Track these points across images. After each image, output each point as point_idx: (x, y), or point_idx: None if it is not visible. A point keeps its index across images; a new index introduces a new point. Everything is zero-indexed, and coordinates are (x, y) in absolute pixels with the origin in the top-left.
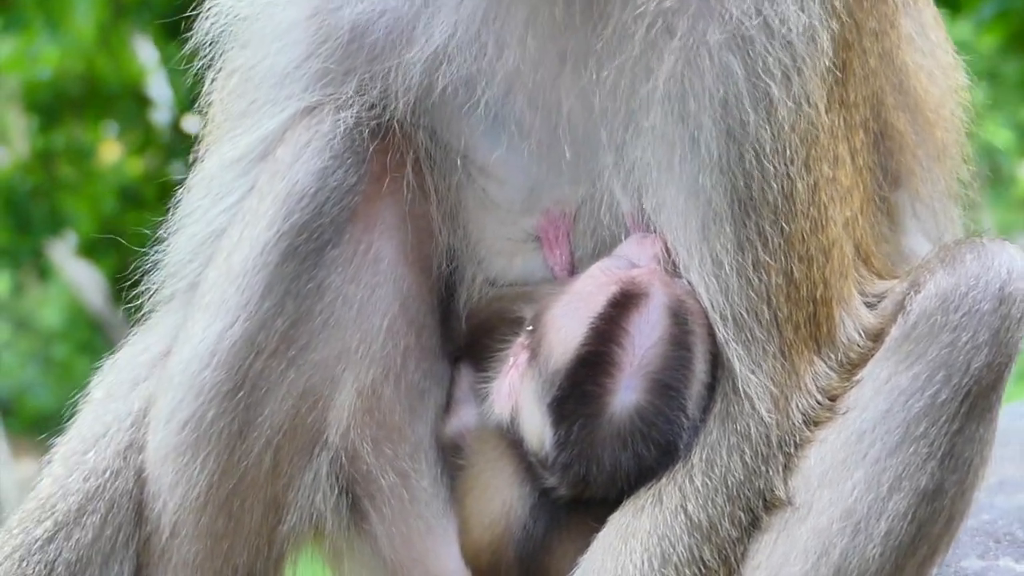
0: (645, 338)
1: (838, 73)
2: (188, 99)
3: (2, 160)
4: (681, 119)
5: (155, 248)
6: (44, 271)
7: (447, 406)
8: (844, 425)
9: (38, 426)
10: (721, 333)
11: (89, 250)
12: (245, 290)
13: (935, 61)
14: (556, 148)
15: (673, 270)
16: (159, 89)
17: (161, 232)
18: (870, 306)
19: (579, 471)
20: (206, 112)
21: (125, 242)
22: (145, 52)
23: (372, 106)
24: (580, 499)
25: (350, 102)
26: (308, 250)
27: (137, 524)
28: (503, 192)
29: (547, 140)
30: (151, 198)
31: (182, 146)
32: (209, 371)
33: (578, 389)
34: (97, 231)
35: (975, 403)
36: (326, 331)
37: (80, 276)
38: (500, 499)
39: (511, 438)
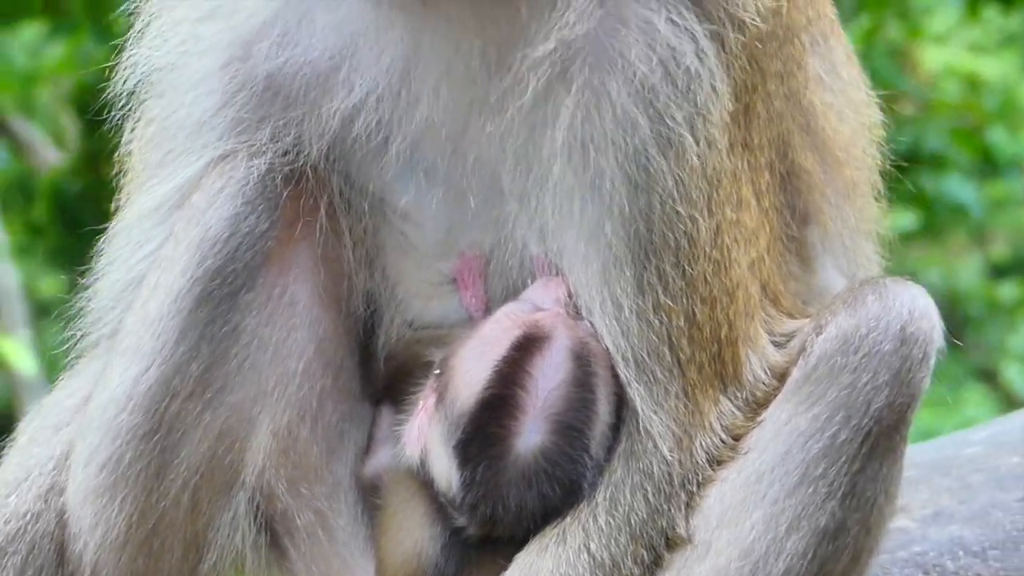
0: (548, 381)
1: (741, 117)
2: None
3: (55, 162)
4: (582, 167)
5: (80, 295)
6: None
7: (367, 447)
8: (744, 465)
9: None
10: (623, 374)
11: None
12: (160, 335)
13: (846, 99)
14: (465, 195)
15: (576, 313)
16: None
17: (86, 279)
18: (778, 345)
19: (486, 511)
20: (125, 161)
21: None
22: None
23: (286, 152)
24: (490, 538)
25: (264, 149)
26: (222, 295)
27: (59, 565)
28: (419, 235)
29: (456, 187)
30: None
31: None
32: (126, 415)
33: (483, 432)
34: None
35: (877, 443)
36: (241, 374)
37: None
38: (412, 539)
39: (423, 479)
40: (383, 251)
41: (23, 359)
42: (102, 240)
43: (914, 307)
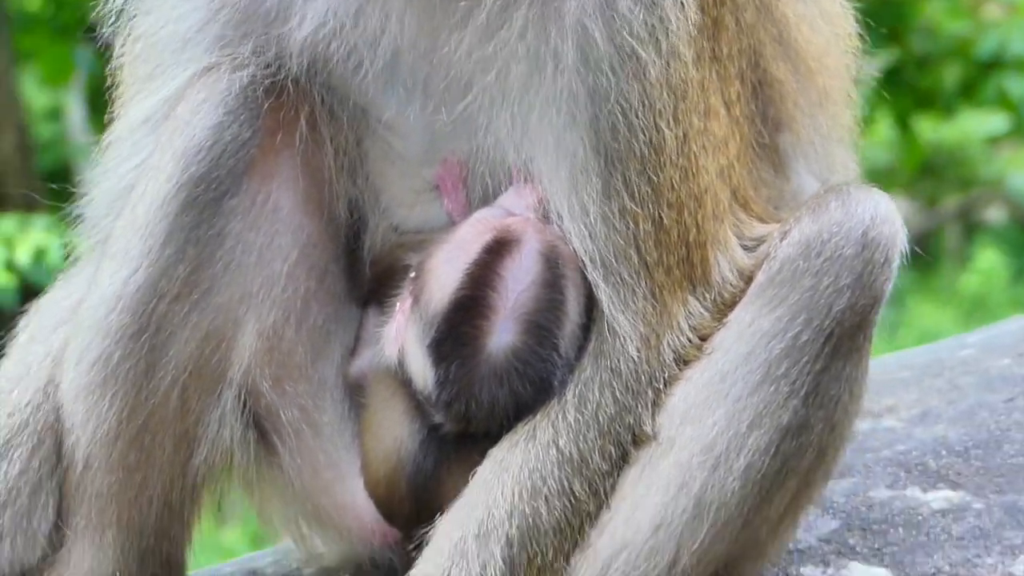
0: (518, 282)
1: (709, 29)
2: None
3: None
4: (545, 78)
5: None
6: None
7: (354, 348)
8: (709, 365)
9: None
10: (591, 275)
11: None
12: (147, 238)
13: (819, 10)
14: (445, 103)
15: (547, 218)
16: None
17: (83, 188)
18: (748, 249)
19: (460, 408)
20: (116, 77)
21: None
22: None
23: (267, 65)
24: (466, 434)
25: (246, 62)
26: (207, 200)
27: (58, 457)
28: (402, 144)
29: (434, 99)
30: None
31: None
32: (115, 314)
33: (455, 331)
34: None
35: (839, 344)
36: (227, 276)
37: None
38: (393, 435)
39: (402, 378)
40: (367, 159)
41: None
42: (96, 151)
43: (876, 213)
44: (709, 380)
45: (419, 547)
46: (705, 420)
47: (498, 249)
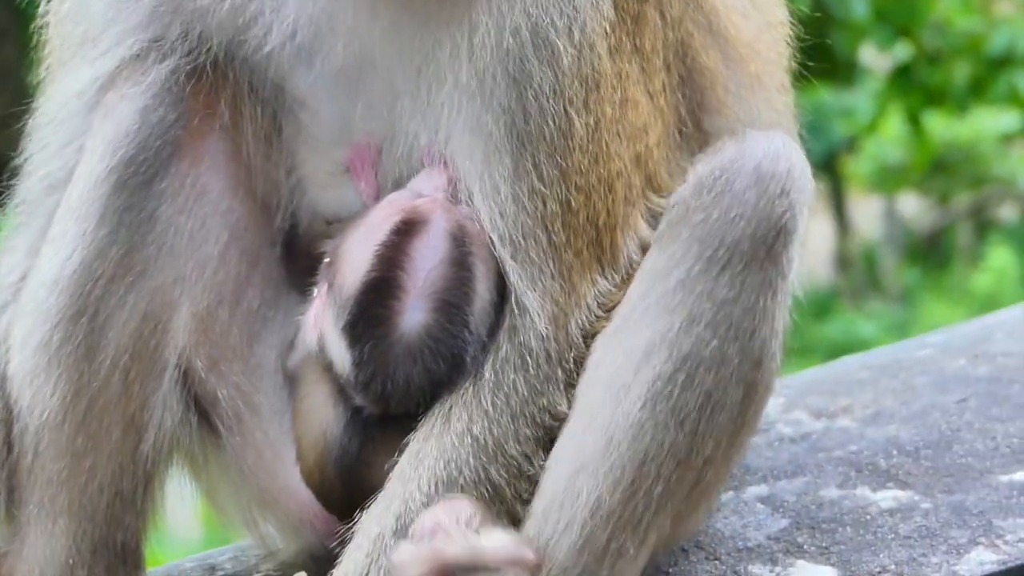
0: (427, 261)
1: (629, 24)
2: None
3: None
4: (461, 62)
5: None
6: None
7: (293, 338)
8: (611, 318)
9: None
10: (499, 253)
11: None
12: (81, 220)
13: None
14: (359, 85)
15: (456, 199)
16: None
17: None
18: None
19: (377, 388)
20: (43, 34)
21: None
22: None
23: (191, 49)
24: (387, 416)
25: (173, 47)
26: (136, 183)
27: (7, 447)
28: (317, 124)
29: (349, 78)
30: None
31: None
32: (54, 297)
33: (367, 312)
34: None
35: (743, 274)
36: (160, 258)
37: None
38: (319, 419)
39: (324, 364)
40: (283, 140)
41: None
42: (29, 120)
43: (769, 149)
44: (613, 330)
45: (343, 543)
46: (606, 363)
47: (407, 230)
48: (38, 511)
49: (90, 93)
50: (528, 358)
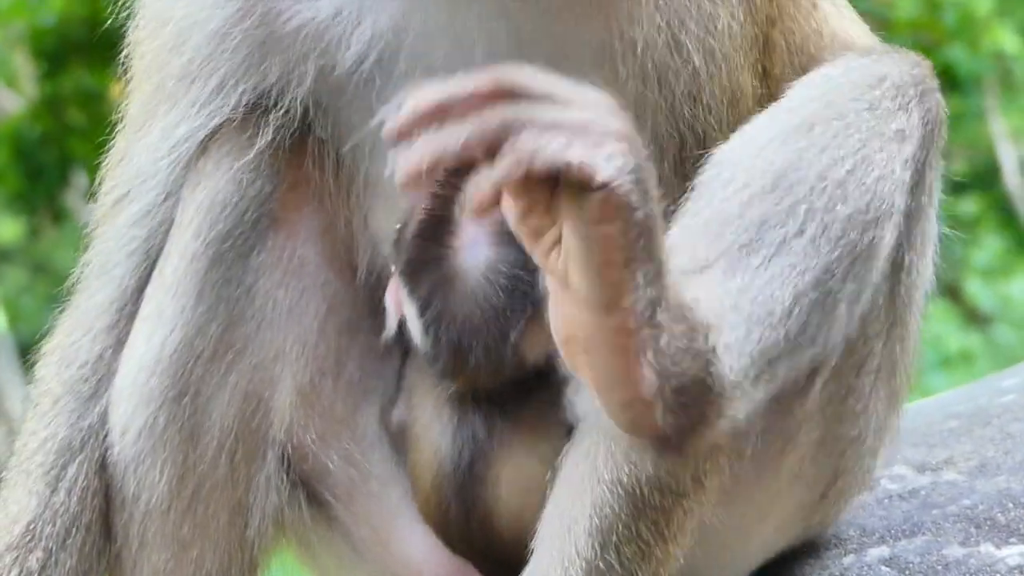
0: None
1: (762, 45)
2: None
3: (12, 107)
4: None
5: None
6: (58, 215)
7: (395, 398)
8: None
9: None
10: None
11: None
12: (179, 297)
13: (861, 26)
14: None
15: None
16: None
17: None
18: None
19: (445, 338)
20: (132, 57)
21: None
22: None
23: (289, 103)
24: (486, 409)
25: (270, 104)
26: (234, 256)
27: (107, 540)
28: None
29: None
30: None
31: None
32: (156, 379)
33: (425, 252)
34: None
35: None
36: (260, 335)
37: None
38: (428, 438)
39: (421, 373)
40: (365, 201)
41: None
42: (104, 165)
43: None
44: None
45: None
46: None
47: (463, 170)
48: None
49: (182, 153)
50: None
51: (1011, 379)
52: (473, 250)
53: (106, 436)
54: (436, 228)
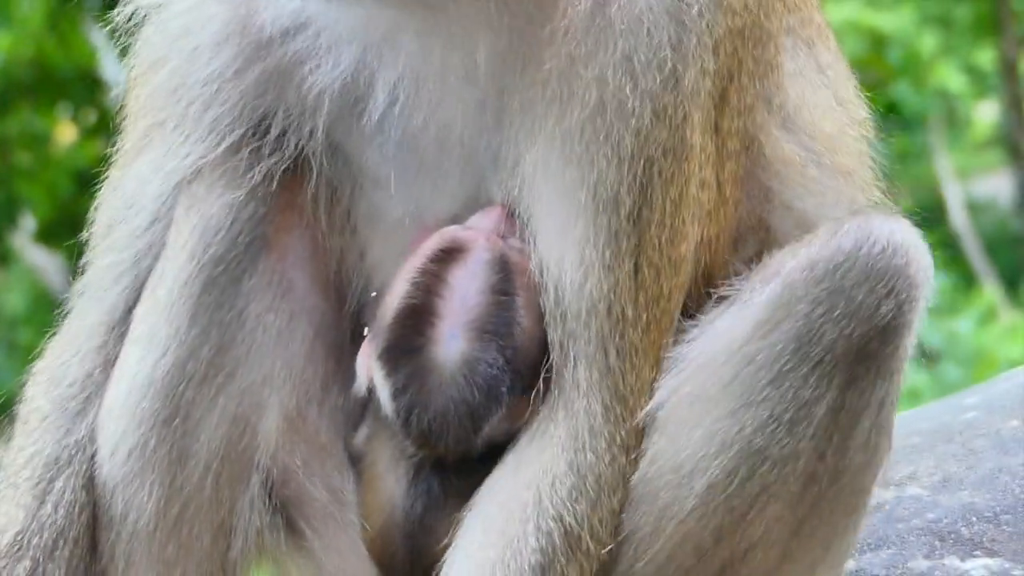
0: (465, 289)
1: (717, 99)
2: None
3: None
4: (558, 127)
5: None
6: (5, 257)
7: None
8: (695, 380)
9: (4, 410)
10: (556, 325)
11: (47, 235)
12: (172, 320)
13: (832, 95)
14: (439, 165)
15: (509, 232)
16: (112, 71)
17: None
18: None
19: (416, 422)
20: (128, 97)
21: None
22: (96, 34)
23: (282, 132)
24: (440, 464)
25: (263, 135)
26: (226, 280)
27: (93, 556)
28: (389, 203)
29: (436, 154)
30: None
31: None
32: (147, 401)
33: (403, 339)
34: (54, 216)
35: (832, 374)
36: (249, 358)
37: (41, 260)
38: (383, 485)
39: (386, 423)
40: (358, 225)
41: None
42: (99, 195)
43: (890, 242)
44: (692, 397)
45: None
46: (680, 439)
47: (446, 258)
48: None
49: (175, 179)
50: (580, 437)
51: (973, 397)
52: (451, 343)
53: (94, 454)
54: (415, 317)
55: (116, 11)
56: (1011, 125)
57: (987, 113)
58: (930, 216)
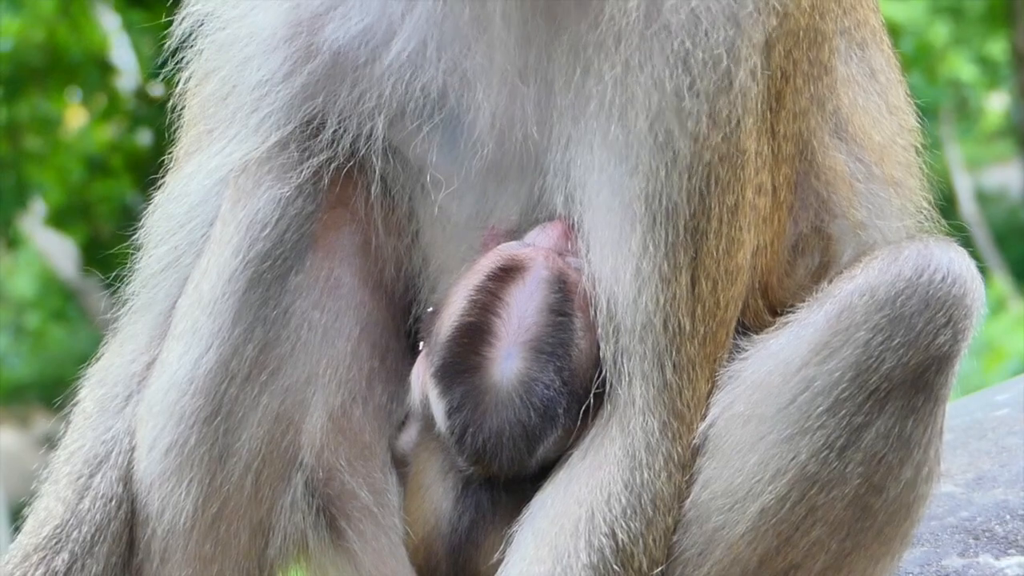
0: (523, 308)
1: (772, 102)
2: (152, 65)
3: None
4: (616, 135)
5: (134, 256)
6: (14, 241)
7: (402, 423)
8: (751, 402)
9: (13, 396)
10: (610, 340)
11: (58, 220)
12: (216, 317)
13: (884, 102)
14: (501, 165)
15: (568, 251)
16: (122, 56)
17: (138, 238)
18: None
19: (470, 441)
20: (182, 109)
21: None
22: (107, 19)
23: (334, 132)
24: (493, 481)
25: (314, 131)
26: (272, 277)
27: (131, 552)
28: (455, 206)
29: (494, 158)
30: (117, 166)
31: (147, 112)
32: (188, 398)
33: (459, 358)
34: (65, 200)
35: (886, 401)
36: (294, 356)
37: (50, 245)
38: (429, 496)
39: (428, 424)
40: (418, 226)
41: None
42: (155, 198)
43: (949, 271)
44: (745, 417)
45: None
46: (734, 461)
47: (504, 276)
48: None
49: (223, 172)
50: (636, 455)
51: (1004, 393)
52: (507, 363)
53: (133, 449)
54: (471, 335)
55: (173, 27)
56: (1022, 116)
57: (998, 104)
58: (940, 207)
